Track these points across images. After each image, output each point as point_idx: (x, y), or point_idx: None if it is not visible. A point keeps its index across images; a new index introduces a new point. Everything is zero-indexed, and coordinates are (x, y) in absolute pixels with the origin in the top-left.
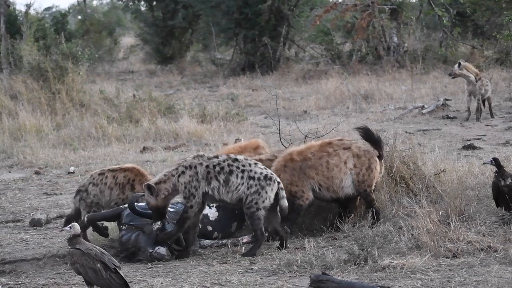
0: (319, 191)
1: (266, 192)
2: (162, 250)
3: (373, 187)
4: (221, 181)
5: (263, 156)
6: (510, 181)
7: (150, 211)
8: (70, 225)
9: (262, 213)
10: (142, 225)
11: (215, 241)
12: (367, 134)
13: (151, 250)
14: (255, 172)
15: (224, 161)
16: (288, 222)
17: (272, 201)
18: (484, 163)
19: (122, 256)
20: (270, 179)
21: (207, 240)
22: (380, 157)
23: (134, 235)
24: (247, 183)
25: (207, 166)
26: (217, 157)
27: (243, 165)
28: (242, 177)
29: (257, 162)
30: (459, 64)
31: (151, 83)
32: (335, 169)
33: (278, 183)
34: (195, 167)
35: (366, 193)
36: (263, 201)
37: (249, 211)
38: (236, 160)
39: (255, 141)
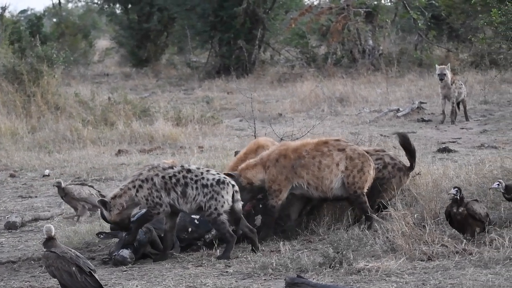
0: (307, 189)
1: (222, 196)
2: (125, 252)
3: (365, 190)
4: (179, 192)
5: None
6: (462, 208)
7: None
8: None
9: (224, 217)
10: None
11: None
12: (405, 142)
13: (115, 253)
14: (207, 179)
15: (179, 173)
16: (264, 227)
17: (230, 203)
18: (449, 194)
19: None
20: (223, 182)
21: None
22: (411, 168)
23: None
24: (202, 192)
25: (163, 177)
26: (172, 167)
27: (196, 175)
28: (197, 188)
29: (209, 169)
30: (447, 66)
31: (126, 86)
32: (326, 170)
33: (233, 186)
34: (152, 179)
35: (356, 194)
36: (222, 206)
37: (210, 218)
38: (189, 171)
39: (253, 143)
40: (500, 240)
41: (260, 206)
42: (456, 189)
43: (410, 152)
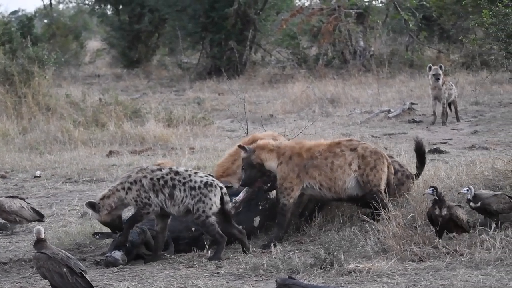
0: (319, 190)
1: (210, 199)
2: (117, 254)
3: (381, 187)
4: (166, 194)
5: None
6: (445, 212)
7: None
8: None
9: (212, 219)
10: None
11: None
12: (419, 150)
13: (107, 255)
14: (195, 182)
15: (167, 174)
16: (277, 227)
17: (218, 205)
18: (424, 194)
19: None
20: (211, 185)
21: None
22: (417, 176)
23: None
24: (190, 194)
25: (151, 179)
26: (160, 169)
27: (184, 177)
28: (185, 190)
29: (197, 171)
30: (440, 66)
31: (117, 87)
32: (339, 171)
33: (221, 188)
34: (140, 180)
35: (372, 192)
36: (210, 208)
37: (199, 221)
38: (177, 173)
39: (248, 139)
40: (491, 241)
41: (260, 207)
42: (432, 188)
43: (422, 160)
